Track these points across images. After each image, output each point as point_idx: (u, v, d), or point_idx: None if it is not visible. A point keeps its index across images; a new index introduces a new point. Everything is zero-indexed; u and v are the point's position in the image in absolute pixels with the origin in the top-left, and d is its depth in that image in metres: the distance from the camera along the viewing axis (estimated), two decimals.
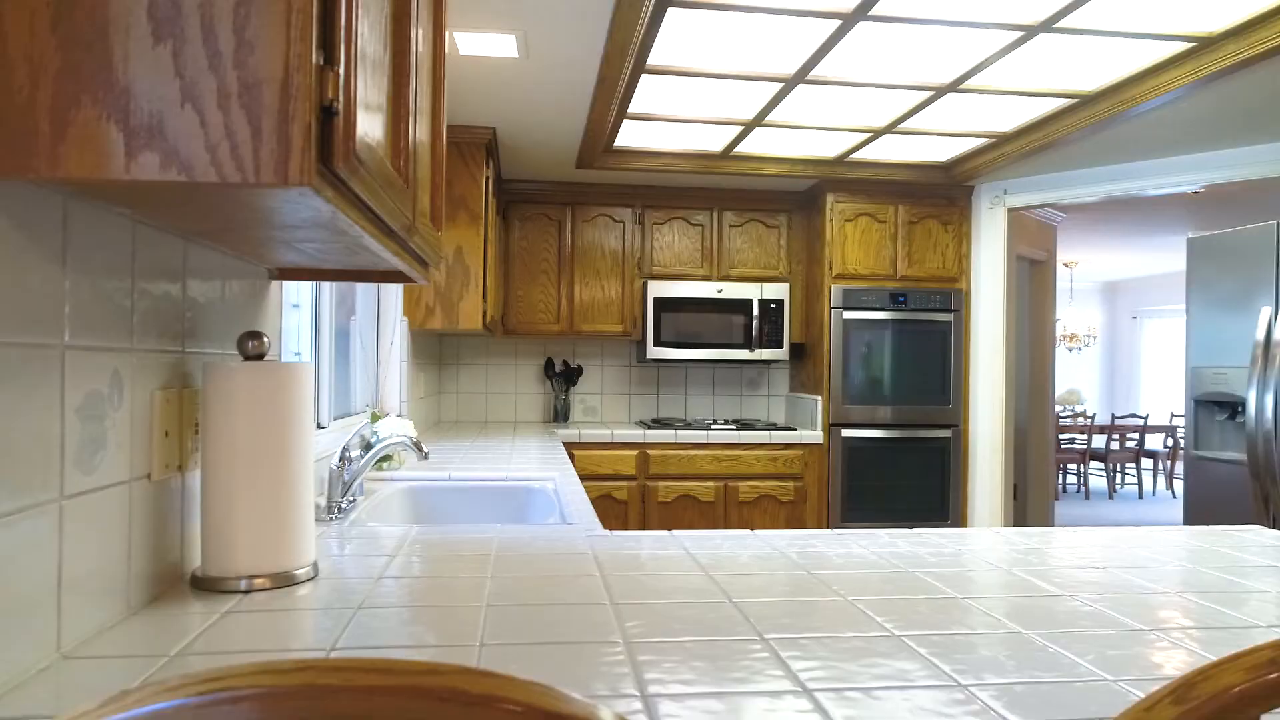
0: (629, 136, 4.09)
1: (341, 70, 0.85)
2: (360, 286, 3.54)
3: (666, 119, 3.75)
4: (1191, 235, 3.28)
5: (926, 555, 1.54)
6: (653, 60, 3.05)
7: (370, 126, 1.02)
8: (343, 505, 1.99)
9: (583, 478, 4.44)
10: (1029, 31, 2.70)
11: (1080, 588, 1.33)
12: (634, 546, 1.58)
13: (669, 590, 1.27)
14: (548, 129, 3.78)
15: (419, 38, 1.33)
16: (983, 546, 1.63)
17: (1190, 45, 2.80)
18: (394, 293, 3.60)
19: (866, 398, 4.64)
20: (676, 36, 2.83)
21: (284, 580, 1.27)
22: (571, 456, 4.43)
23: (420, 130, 1.42)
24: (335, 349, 3.16)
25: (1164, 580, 1.39)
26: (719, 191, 4.90)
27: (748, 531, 1.73)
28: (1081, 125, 3.49)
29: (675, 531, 1.72)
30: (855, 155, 4.34)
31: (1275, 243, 2.94)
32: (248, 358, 1.30)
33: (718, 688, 0.89)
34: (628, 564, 1.44)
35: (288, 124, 0.81)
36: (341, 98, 0.86)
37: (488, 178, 3.83)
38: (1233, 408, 3.15)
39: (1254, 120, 3.42)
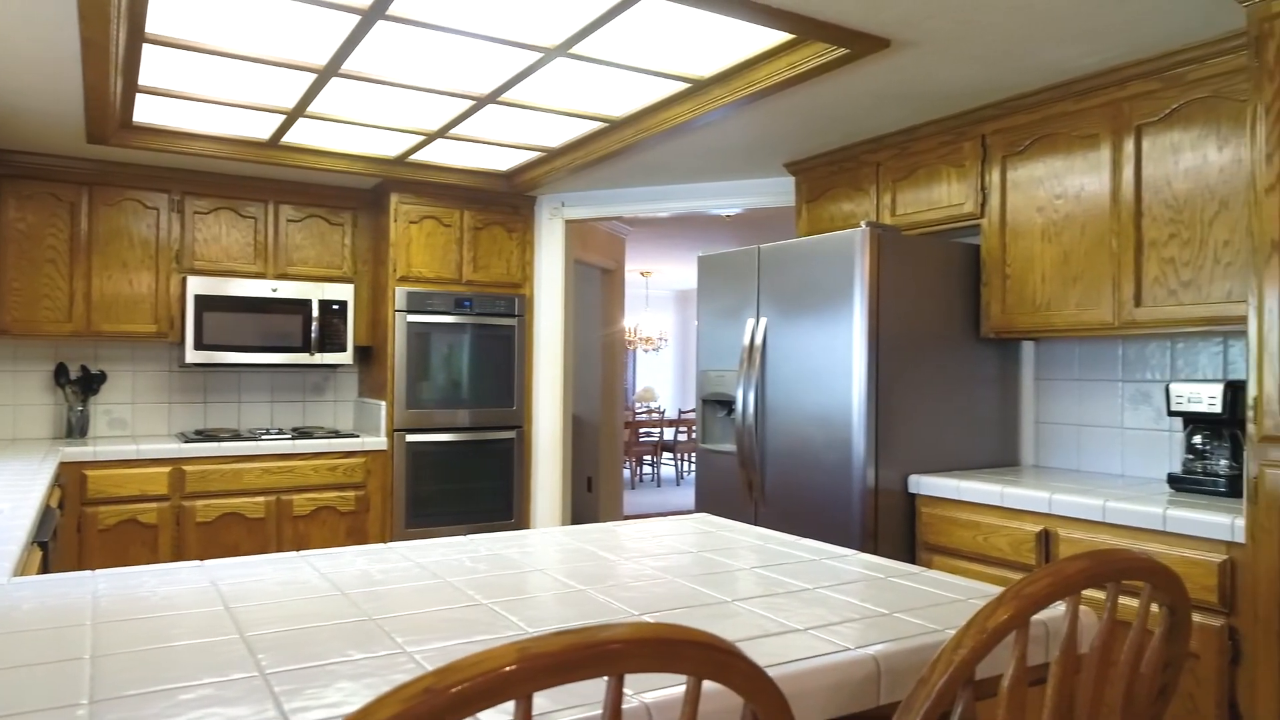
0: (154, 113, 3.62)
1: None
2: None
3: (192, 98, 3.37)
4: (700, 254, 3.72)
5: (351, 576, 1.51)
6: (158, 30, 2.70)
7: None
8: None
9: (100, 501, 3.84)
10: (548, 54, 2.84)
11: (494, 590, 1.38)
12: (6, 598, 1.34)
13: None
14: (36, 94, 3.19)
15: None
16: (422, 560, 1.64)
17: (687, 86, 3.16)
18: None
19: (433, 402, 4.62)
20: (186, 9, 2.54)
21: None
22: (84, 479, 3.81)
23: None
24: None
25: (578, 573, 1.49)
26: (275, 183, 4.55)
27: (185, 563, 1.56)
28: (614, 148, 3.79)
29: (99, 571, 1.50)
30: (417, 157, 4.29)
31: (757, 263, 3.43)
32: None
33: None
34: None
35: None
36: None
37: None
38: (729, 405, 3.62)
39: (757, 156, 3.99)
